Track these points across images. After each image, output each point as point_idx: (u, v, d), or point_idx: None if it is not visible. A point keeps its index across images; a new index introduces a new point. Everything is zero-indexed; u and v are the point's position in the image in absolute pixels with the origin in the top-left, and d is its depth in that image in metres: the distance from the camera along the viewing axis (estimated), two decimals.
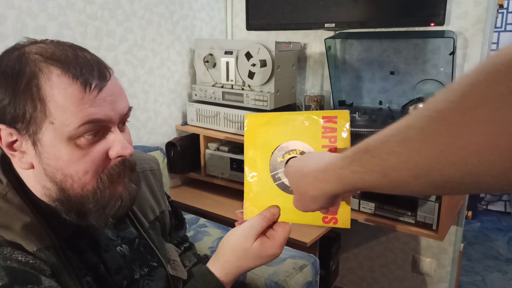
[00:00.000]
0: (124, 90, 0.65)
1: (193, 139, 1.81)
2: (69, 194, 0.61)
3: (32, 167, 0.61)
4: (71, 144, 0.58)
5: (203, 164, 1.80)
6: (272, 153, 0.65)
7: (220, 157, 1.73)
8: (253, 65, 1.61)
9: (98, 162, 0.61)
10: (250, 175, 0.68)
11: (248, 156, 0.67)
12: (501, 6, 2.60)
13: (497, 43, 2.89)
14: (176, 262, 0.85)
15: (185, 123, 1.87)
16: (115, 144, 0.61)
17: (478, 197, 3.02)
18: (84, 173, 0.60)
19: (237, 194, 1.72)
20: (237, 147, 1.71)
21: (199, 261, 0.95)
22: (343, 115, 0.62)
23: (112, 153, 0.61)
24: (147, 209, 0.82)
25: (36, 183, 0.62)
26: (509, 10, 2.83)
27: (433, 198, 1.29)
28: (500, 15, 2.84)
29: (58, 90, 0.57)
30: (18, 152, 0.60)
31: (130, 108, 0.65)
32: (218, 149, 1.75)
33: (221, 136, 1.70)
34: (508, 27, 2.85)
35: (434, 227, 1.31)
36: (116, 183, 0.63)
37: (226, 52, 1.68)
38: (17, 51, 0.59)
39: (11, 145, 0.60)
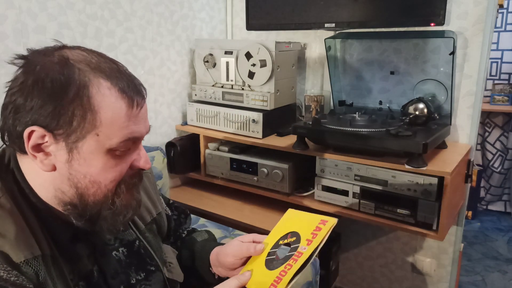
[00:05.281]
0: None
1: (193, 139, 1.81)
2: (87, 200, 0.62)
3: (54, 169, 0.60)
4: (108, 154, 0.61)
5: (203, 164, 1.79)
6: (281, 237, 0.76)
7: (220, 157, 1.73)
8: (253, 65, 1.61)
9: (124, 172, 0.64)
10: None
11: (270, 234, 0.78)
12: (501, 6, 2.60)
13: (497, 43, 2.89)
14: (172, 265, 0.85)
15: (185, 123, 1.87)
16: (139, 158, 0.66)
17: (478, 197, 3.02)
18: (111, 181, 0.63)
19: (237, 194, 1.70)
20: (237, 147, 1.71)
21: (210, 238, 0.99)
22: (330, 222, 0.72)
23: (136, 165, 0.65)
24: (143, 212, 0.82)
25: (49, 185, 0.62)
26: (509, 10, 2.82)
27: (433, 198, 1.29)
28: (500, 15, 2.84)
29: (108, 103, 0.59)
30: (41, 153, 0.59)
31: (149, 127, 0.69)
32: (218, 149, 1.75)
33: (221, 136, 1.70)
34: (508, 27, 2.85)
35: (434, 227, 1.31)
36: (129, 192, 0.66)
37: (226, 52, 1.68)
38: (57, 57, 0.59)
39: (37, 147, 0.59)
